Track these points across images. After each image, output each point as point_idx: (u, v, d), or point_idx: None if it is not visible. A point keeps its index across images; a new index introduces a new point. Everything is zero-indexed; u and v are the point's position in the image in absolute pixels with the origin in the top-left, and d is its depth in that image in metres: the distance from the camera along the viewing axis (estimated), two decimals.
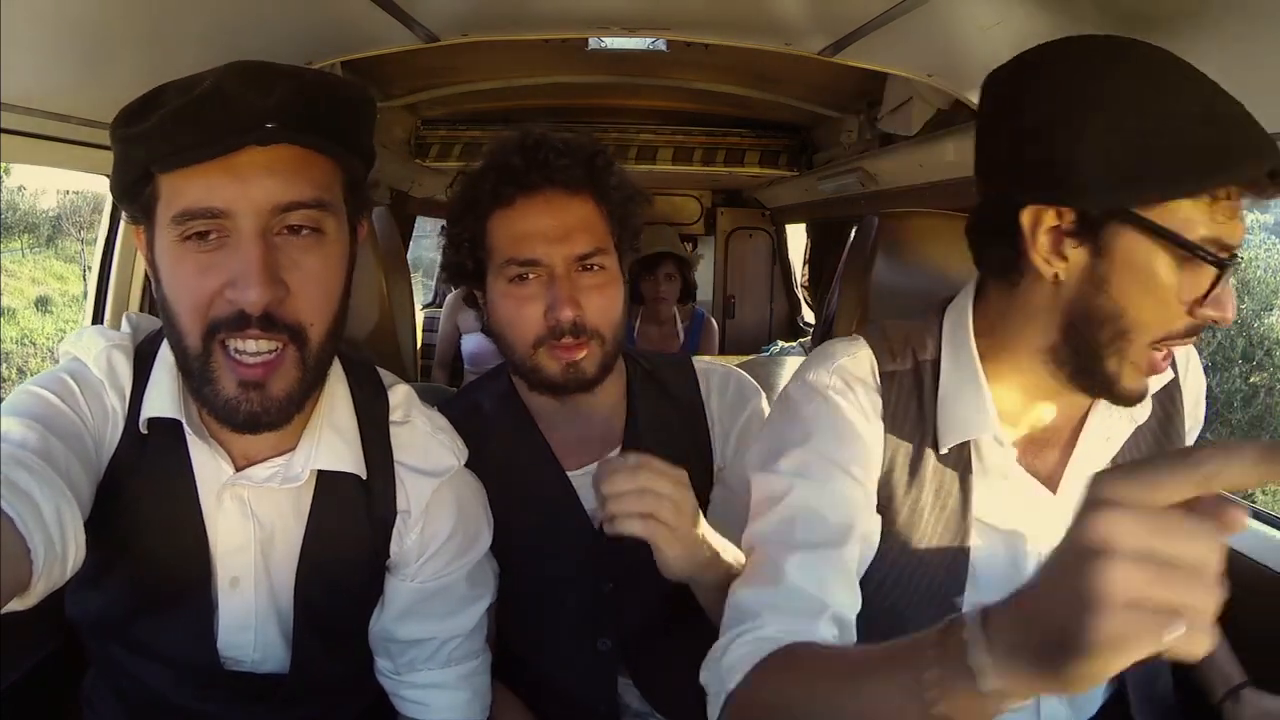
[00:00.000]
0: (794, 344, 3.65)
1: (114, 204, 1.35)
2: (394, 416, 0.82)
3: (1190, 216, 0.60)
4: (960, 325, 0.72)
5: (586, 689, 0.94)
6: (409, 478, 0.80)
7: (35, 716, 0.96)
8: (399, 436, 0.81)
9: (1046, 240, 0.63)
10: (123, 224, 1.34)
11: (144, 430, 0.72)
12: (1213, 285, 0.61)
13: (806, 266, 3.87)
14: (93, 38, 0.97)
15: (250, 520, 0.75)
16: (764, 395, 1.00)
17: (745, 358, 2.53)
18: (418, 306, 1.26)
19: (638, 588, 0.88)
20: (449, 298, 2.81)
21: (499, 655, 0.93)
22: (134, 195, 0.68)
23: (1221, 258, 0.60)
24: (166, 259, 0.67)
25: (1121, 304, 0.62)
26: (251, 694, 0.79)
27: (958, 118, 1.60)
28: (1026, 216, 0.64)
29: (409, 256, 3.35)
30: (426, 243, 5.11)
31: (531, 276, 0.87)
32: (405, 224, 3.14)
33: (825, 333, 1.33)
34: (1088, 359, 0.65)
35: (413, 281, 1.33)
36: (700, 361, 1.02)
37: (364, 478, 0.77)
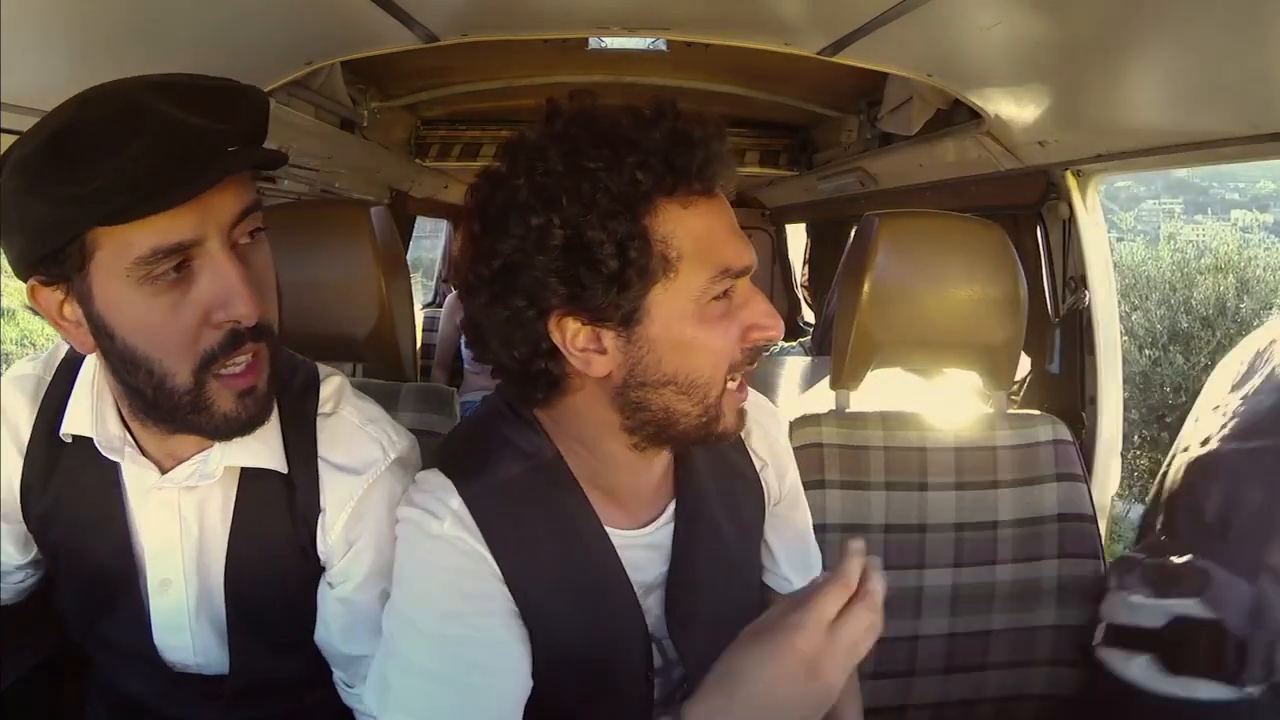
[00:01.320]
0: (794, 344, 3.65)
1: None
2: (323, 409, 0.78)
3: None
4: None
5: None
6: (329, 474, 0.77)
7: (36, 716, 0.96)
8: (324, 430, 0.78)
9: None
10: None
11: (66, 440, 0.74)
12: None
13: (806, 266, 3.87)
14: (92, 38, 0.97)
15: (176, 521, 0.75)
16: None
17: None
18: (418, 306, 1.26)
19: (698, 661, 0.80)
20: (449, 298, 2.80)
21: None
22: (56, 256, 0.62)
23: None
24: (125, 309, 0.63)
25: None
26: (205, 694, 0.80)
27: (957, 117, 1.60)
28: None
29: (409, 256, 3.36)
30: (426, 243, 5.11)
31: (733, 290, 0.68)
32: (405, 224, 3.14)
33: (825, 333, 1.33)
34: None
35: (413, 281, 1.33)
36: None
37: (284, 472, 0.75)
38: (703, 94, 2.26)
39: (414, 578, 0.72)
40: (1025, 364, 1.69)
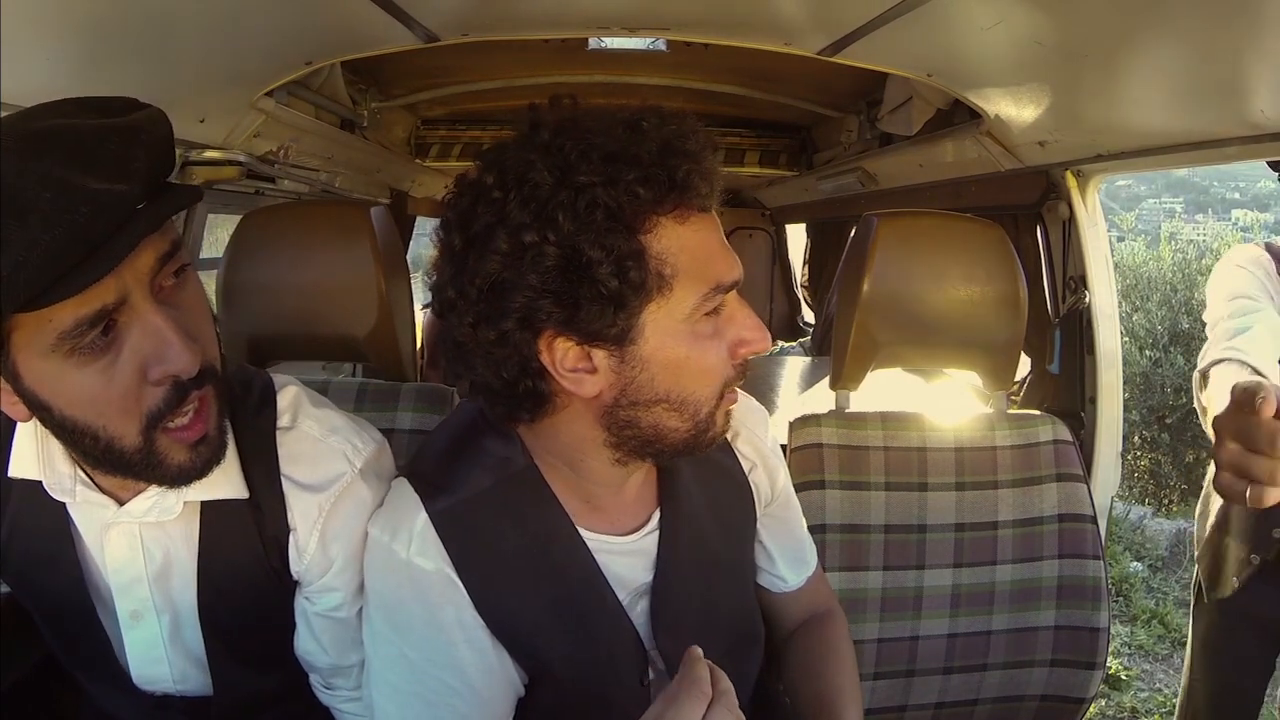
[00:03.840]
0: (794, 344, 3.65)
1: None
2: (281, 423, 0.75)
3: None
4: None
5: None
6: (294, 493, 0.73)
7: (39, 713, 0.96)
8: (284, 446, 0.74)
9: None
10: None
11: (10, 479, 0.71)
12: None
13: (806, 266, 3.87)
14: (92, 38, 0.97)
15: (139, 553, 0.73)
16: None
17: None
18: (417, 306, 1.26)
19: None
20: (430, 313, 2.75)
21: None
22: None
23: None
24: (56, 383, 0.59)
25: None
26: (189, 716, 0.79)
27: (957, 117, 1.60)
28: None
29: (409, 256, 3.35)
30: (426, 240, 5.12)
31: (722, 305, 0.67)
32: (405, 224, 3.14)
33: (825, 333, 1.33)
34: None
35: (412, 281, 1.33)
36: None
37: (244, 498, 0.73)
38: (703, 94, 2.26)
39: (388, 601, 0.71)
40: (1025, 364, 1.69)
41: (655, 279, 0.62)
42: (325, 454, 0.75)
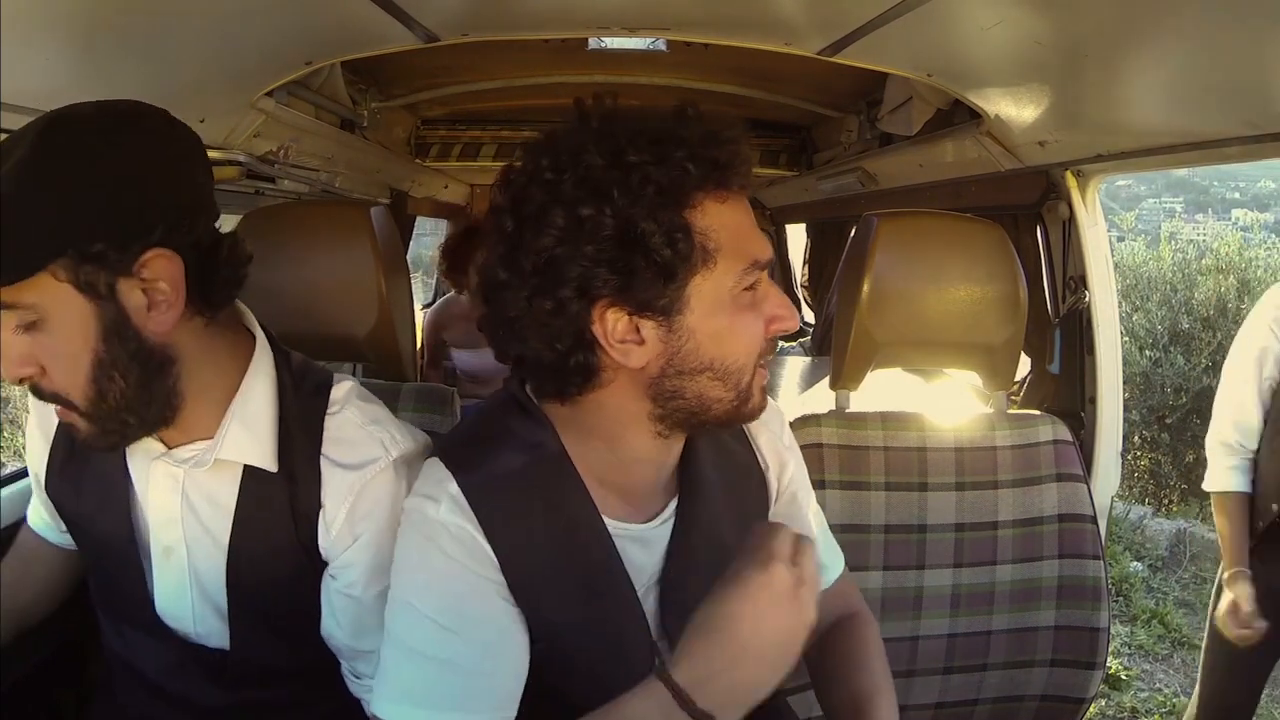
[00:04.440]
0: (794, 344, 3.65)
1: None
2: (330, 410, 0.81)
3: None
4: None
5: None
6: (330, 471, 0.79)
7: (47, 706, 0.97)
8: (329, 430, 0.80)
9: None
10: None
11: None
12: None
13: (806, 266, 3.87)
14: (92, 38, 0.97)
15: (179, 496, 0.79)
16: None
17: None
18: (417, 306, 1.26)
19: None
20: (428, 315, 2.72)
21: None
22: None
23: None
24: None
25: None
26: (207, 669, 0.82)
27: (957, 118, 1.60)
28: None
29: (409, 255, 3.36)
30: (426, 241, 5.12)
31: (757, 282, 0.71)
32: (405, 224, 3.14)
33: (825, 332, 1.33)
34: None
35: (412, 281, 1.33)
36: None
37: (273, 471, 0.77)
38: (702, 94, 2.26)
39: (412, 562, 0.72)
40: (1025, 364, 1.69)
41: (700, 252, 0.66)
42: (364, 439, 0.80)
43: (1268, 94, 0.93)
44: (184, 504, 0.79)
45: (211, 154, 1.43)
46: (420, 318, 2.73)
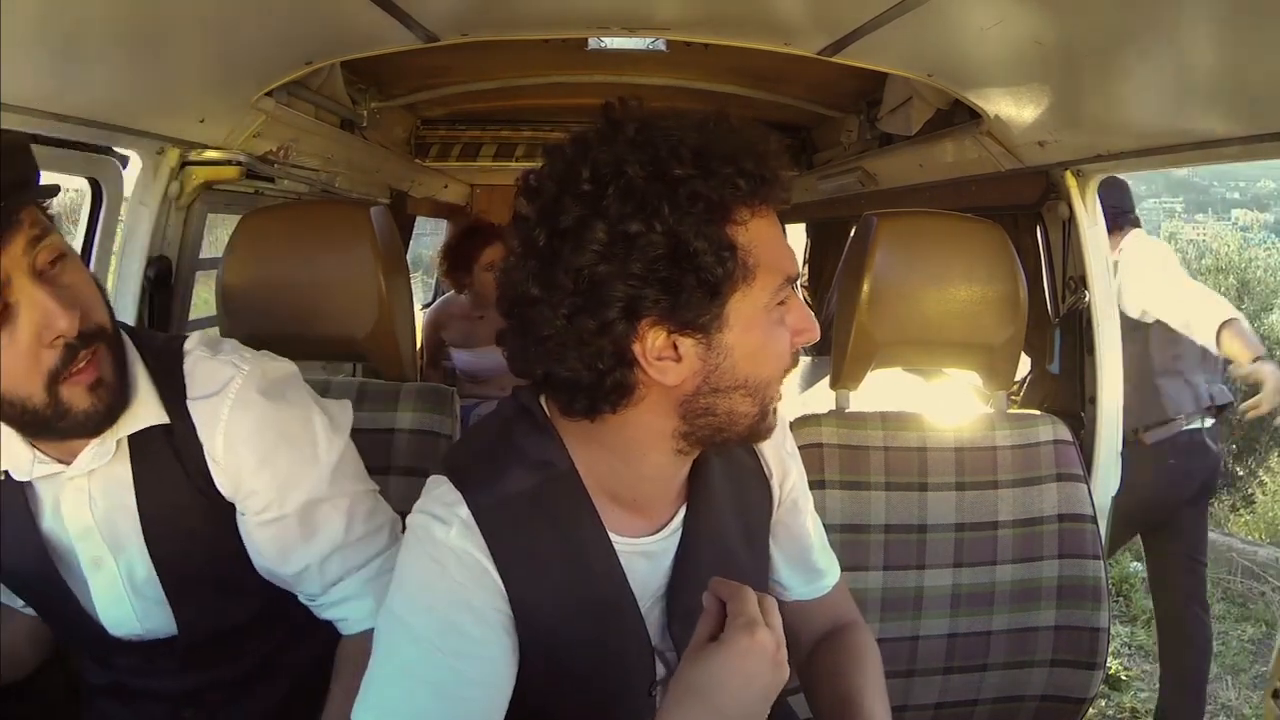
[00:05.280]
0: None
1: (93, 202, 1.41)
2: (186, 360, 0.83)
3: None
4: None
5: None
6: (195, 407, 0.81)
7: (41, 712, 0.97)
8: (187, 375, 0.82)
9: None
10: (102, 220, 1.38)
11: None
12: None
13: (806, 266, 3.87)
14: (92, 38, 0.97)
15: (87, 503, 0.81)
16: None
17: None
18: (417, 306, 1.26)
19: None
20: (427, 315, 2.72)
21: None
22: None
23: None
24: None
25: None
26: (162, 660, 0.85)
27: (957, 118, 1.60)
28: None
29: (409, 254, 3.35)
30: (426, 241, 5.12)
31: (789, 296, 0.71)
32: (405, 223, 3.14)
33: (825, 332, 1.34)
34: None
35: (412, 280, 1.33)
36: None
37: (168, 423, 0.80)
38: (703, 94, 2.26)
39: (416, 582, 0.71)
40: (1025, 364, 1.69)
41: (742, 269, 0.65)
42: (215, 368, 0.82)
43: (1268, 94, 0.93)
44: (93, 511, 0.81)
45: (211, 154, 1.45)
46: (420, 318, 2.73)
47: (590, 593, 0.73)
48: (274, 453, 0.81)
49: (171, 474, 0.81)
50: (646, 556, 0.76)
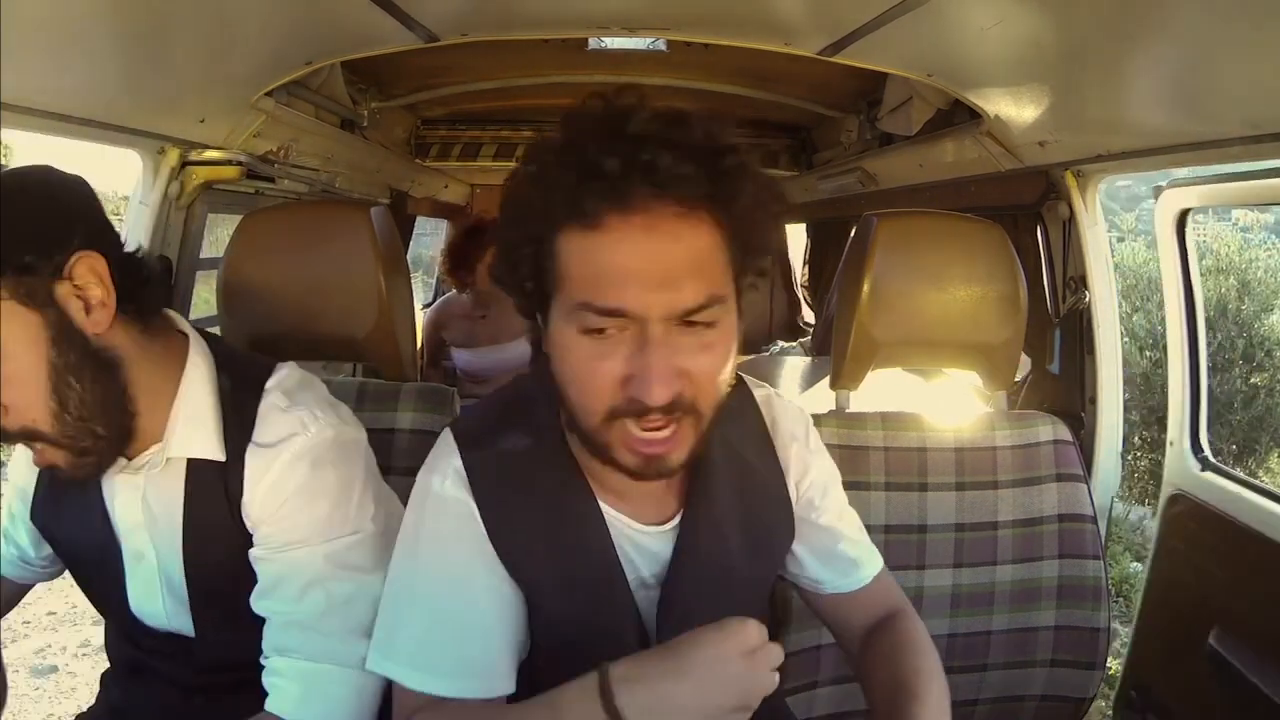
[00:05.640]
0: (794, 344, 3.65)
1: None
2: (263, 401, 0.84)
3: None
4: None
5: None
6: (251, 452, 0.82)
7: None
8: (259, 416, 0.84)
9: None
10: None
11: None
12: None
13: (806, 266, 3.87)
14: (93, 38, 0.97)
15: (140, 502, 0.84)
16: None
17: (745, 358, 2.53)
18: (418, 306, 1.27)
19: None
20: (428, 315, 2.73)
21: None
22: None
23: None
24: None
25: None
26: (183, 655, 0.89)
27: (957, 118, 1.60)
28: None
29: (409, 254, 3.35)
30: (426, 240, 5.12)
31: (613, 331, 0.63)
32: (405, 223, 3.14)
33: (825, 332, 1.33)
34: None
35: (412, 280, 1.33)
36: (754, 388, 0.88)
37: (221, 460, 0.82)
38: (703, 94, 2.26)
39: (413, 530, 0.75)
40: (1025, 364, 1.69)
41: (552, 278, 0.66)
42: (284, 420, 0.83)
43: (1268, 94, 0.93)
44: (146, 510, 0.84)
45: (211, 154, 1.45)
46: (420, 317, 2.73)
47: (577, 558, 0.75)
48: (302, 509, 0.82)
49: (217, 503, 0.83)
50: (640, 543, 0.77)
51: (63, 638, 2.80)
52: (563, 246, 0.64)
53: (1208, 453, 1.41)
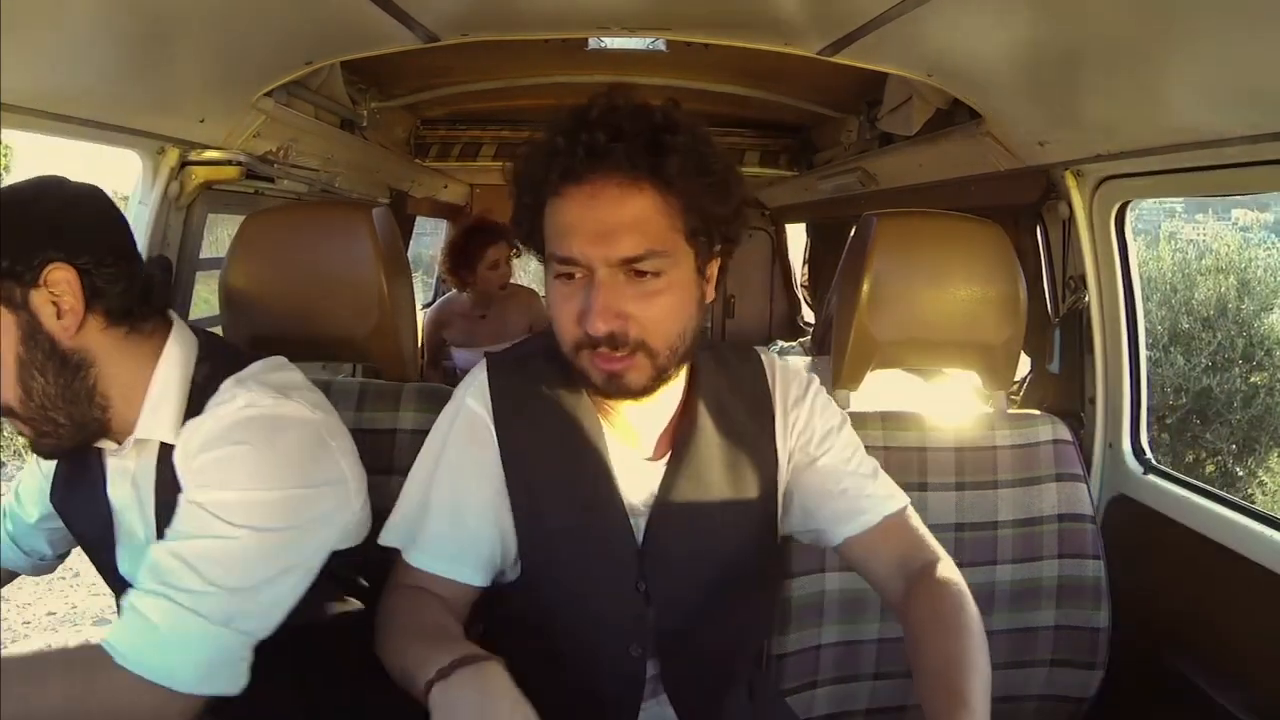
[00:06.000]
0: (794, 344, 3.65)
1: None
2: (224, 384, 0.86)
3: None
4: None
5: (615, 690, 0.89)
6: (188, 431, 0.84)
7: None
8: (211, 400, 0.85)
9: None
10: None
11: None
12: None
13: (806, 266, 3.87)
14: (92, 38, 0.97)
15: (128, 482, 0.89)
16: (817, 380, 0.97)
17: None
18: (418, 305, 1.27)
19: (674, 590, 0.87)
20: (428, 315, 2.73)
21: (521, 651, 0.78)
22: None
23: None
24: None
25: None
26: None
27: (957, 118, 1.60)
28: None
29: (409, 254, 3.35)
30: (426, 241, 5.11)
31: (577, 276, 0.78)
32: (405, 223, 3.14)
33: (825, 332, 1.33)
34: None
35: (413, 280, 1.33)
36: (761, 352, 0.98)
37: (173, 442, 0.85)
38: (703, 94, 2.26)
39: (441, 431, 0.89)
40: (1025, 364, 1.68)
41: (541, 236, 0.82)
42: (225, 397, 0.85)
43: (1268, 94, 0.93)
44: (134, 492, 0.89)
45: (211, 154, 1.45)
46: (421, 317, 2.73)
47: (581, 481, 0.86)
48: (208, 469, 0.81)
49: (174, 482, 0.84)
50: (633, 472, 0.87)
51: (63, 638, 2.81)
52: (546, 213, 0.81)
53: (1150, 455, 1.39)
